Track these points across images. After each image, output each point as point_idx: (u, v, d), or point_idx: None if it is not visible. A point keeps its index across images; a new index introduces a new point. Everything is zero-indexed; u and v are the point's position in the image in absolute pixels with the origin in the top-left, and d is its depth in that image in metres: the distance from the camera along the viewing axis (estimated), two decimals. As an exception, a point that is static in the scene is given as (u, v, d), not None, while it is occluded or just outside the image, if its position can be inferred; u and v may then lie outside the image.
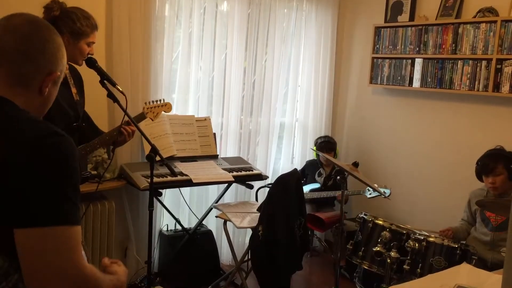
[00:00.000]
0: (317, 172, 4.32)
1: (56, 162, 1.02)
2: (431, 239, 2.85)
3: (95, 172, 3.19)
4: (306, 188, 4.19)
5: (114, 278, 1.18)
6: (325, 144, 4.26)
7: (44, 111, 1.21)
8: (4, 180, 0.99)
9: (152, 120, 2.94)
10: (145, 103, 2.88)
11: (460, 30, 3.57)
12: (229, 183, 3.60)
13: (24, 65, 1.11)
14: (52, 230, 0.99)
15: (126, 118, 2.50)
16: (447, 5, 3.75)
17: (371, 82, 4.28)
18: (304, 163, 4.48)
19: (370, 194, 3.86)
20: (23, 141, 1.01)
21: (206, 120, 3.75)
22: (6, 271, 1.03)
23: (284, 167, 4.41)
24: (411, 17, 3.99)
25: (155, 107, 2.89)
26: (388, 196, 3.65)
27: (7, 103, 1.10)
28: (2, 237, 1.00)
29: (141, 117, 2.81)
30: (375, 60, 4.23)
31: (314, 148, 4.34)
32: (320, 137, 4.38)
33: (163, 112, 2.95)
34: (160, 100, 2.92)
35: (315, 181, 4.29)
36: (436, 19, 3.79)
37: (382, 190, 3.70)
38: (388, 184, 3.92)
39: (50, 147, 1.02)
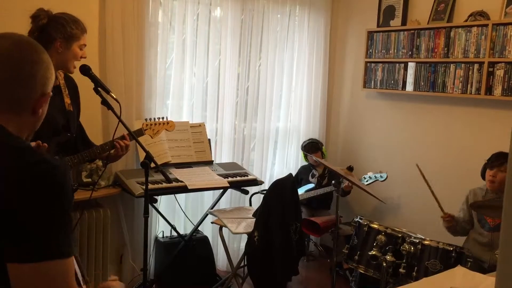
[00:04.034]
0: (310, 174, 4.34)
1: (46, 191, 0.99)
2: (426, 242, 2.85)
3: (90, 180, 3.18)
4: (301, 190, 4.20)
5: None
6: (310, 145, 4.30)
7: (36, 127, 1.20)
8: None
9: (152, 138, 2.90)
10: (145, 120, 2.87)
11: (452, 34, 3.60)
12: (225, 189, 3.60)
13: (16, 91, 1.09)
14: (45, 265, 0.97)
15: (120, 131, 2.49)
16: (438, 9, 3.78)
17: (364, 86, 4.30)
18: (298, 168, 4.50)
19: (367, 181, 3.89)
20: (11, 171, 0.98)
21: (200, 126, 3.75)
22: None
23: (279, 172, 4.42)
24: (404, 22, 4.02)
25: (155, 124, 2.87)
26: (385, 179, 3.68)
27: (3, 130, 1.07)
28: None
29: (139, 133, 2.74)
30: (368, 64, 4.26)
31: (302, 154, 4.38)
32: (304, 141, 4.42)
33: (164, 130, 2.92)
34: (162, 118, 2.91)
35: (310, 183, 4.31)
36: (428, 23, 3.82)
37: (378, 175, 3.86)
38: (381, 188, 3.93)
39: (40, 176, 0.99)
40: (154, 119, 2.89)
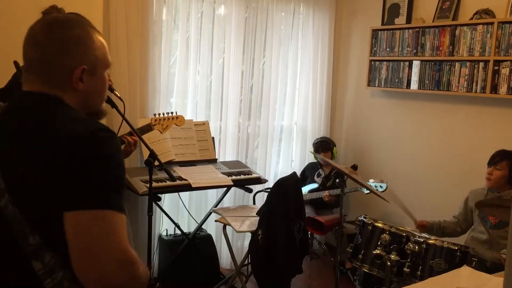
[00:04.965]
0: (316, 173, 4.33)
1: (107, 154, 1.08)
2: (431, 241, 2.84)
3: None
4: (305, 189, 4.20)
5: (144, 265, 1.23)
6: (321, 144, 4.30)
7: (89, 101, 1.23)
8: (60, 168, 1.04)
9: (161, 133, 2.90)
10: (154, 115, 2.85)
11: (457, 32, 3.58)
12: (228, 187, 3.60)
13: (50, 70, 1.16)
14: (101, 213, 1.03)
15: (124, 130, 2.48)
16: (443, 7, 3.76)
17: (369, 85, 4.28)
18: (303, 166, 4.49)
19: (367, 190, 3.88)
20: (79, 135, 1.07)
21: (204, 124, 3.75)
22: (52, 268, 1.06)
23: (283, 171, 4.41)
24: (408, 20, 4.00)
25: (164, 119, 2.85)
26: (385, 190, 3.67)
27: (61, 102, 1.16)
28: (53, 232, 1.04)
29: (148, 128, 2.74)
30: (372, 62, 4.24)
31: (312, 151, 4.37)
32: (317, 138, 4.42)
33: (173, 126, 2.91)
34: (171, 113, 2.89)
35: (314, 182, 4.30)
36: (433, 21, 3.80)
37: (378, 184, 3.79)
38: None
39: (103, 141, 1.08)
40: (163, 114, 2.88)
